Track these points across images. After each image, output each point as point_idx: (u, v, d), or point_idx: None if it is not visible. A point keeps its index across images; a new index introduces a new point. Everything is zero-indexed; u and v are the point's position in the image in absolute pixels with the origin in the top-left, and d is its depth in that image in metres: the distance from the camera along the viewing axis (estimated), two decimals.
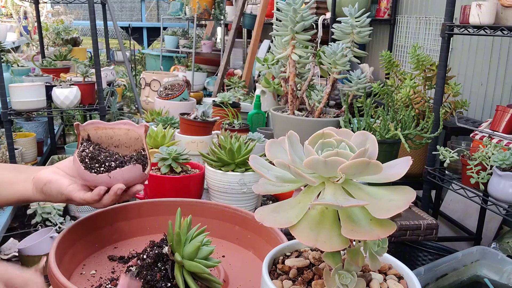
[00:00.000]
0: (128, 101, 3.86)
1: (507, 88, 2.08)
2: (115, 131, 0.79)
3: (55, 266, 0.64)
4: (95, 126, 0.80)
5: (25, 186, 0.79)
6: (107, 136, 0.80)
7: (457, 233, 2.17)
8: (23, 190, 0.79)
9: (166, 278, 0.64)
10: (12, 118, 2.23)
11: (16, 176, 0.81)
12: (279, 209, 0.53)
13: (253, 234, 0.84)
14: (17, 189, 0.80)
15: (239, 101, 2.18)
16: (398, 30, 2.90)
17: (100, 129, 0.80)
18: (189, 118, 1.53)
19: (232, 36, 3.89)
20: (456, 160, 1.51)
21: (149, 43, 7.66)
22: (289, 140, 0.55)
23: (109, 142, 0.80)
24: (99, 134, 0.80)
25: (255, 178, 1.17)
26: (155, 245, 0.68)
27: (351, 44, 1.57)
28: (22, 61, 3.26)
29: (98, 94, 2.34)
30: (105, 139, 0.80)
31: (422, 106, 1.84)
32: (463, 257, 1.20)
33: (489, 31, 1.45)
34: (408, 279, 0.56)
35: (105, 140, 0.80)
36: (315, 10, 3.13)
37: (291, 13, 1.44)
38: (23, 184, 0.80)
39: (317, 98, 1.67)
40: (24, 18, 4.45)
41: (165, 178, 1.16)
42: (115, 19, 3.87)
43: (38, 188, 0.78)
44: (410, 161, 0.52)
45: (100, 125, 0.80)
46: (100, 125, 0.80)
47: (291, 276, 0.57)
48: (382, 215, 0.48)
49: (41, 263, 1.88)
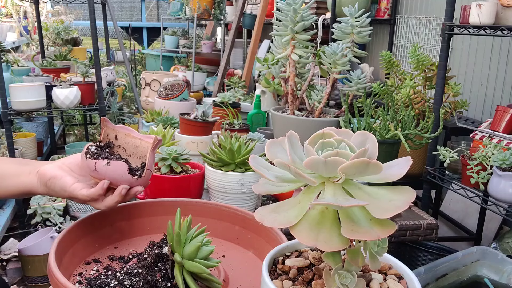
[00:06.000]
0: (128, 101, 3.86)
1: (507, 88, 2.08)
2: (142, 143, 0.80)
3: (55, 266, 0.64)
4: (127, 133, 0.81)
5: (30, 178, 0.80)
6: (134, 146, 0.81)
7: (457, 233, 2.17)
8: (28, 182, 0.80)
9: (166, 278, 0.64)
10: (12, 118, 2.23)
11: (21, 169, 0.82)
12: (279, 209, 0.53)
13: (253, 234, 0.84)
14: (22, 181, 0.81)
15: (239, 101, 2.18)
16: (398, 30, 2.90)
17: (130, 137, 0.81)
18: (189, 118, 1.53)
19: (232, 36, 3.89)
20: (456, 160, 1.51)
21: (149, 43, 7.66)
22: (289, 140, 0.55)
23: (134, 151, 0.81)
24: (127, 141, 0.82)
25: (255, 178, 1.17)
26: (155, 245, 0.68)
27: (351, 44, 1.57)
28: (22, 61, 3.26)
29: (98, 94, 2.34)
30: (131, 148, 0.81)
31: (422, 106, 1.84)
32: (463, 257, 1.20)
33: (489, 31, 1.45)
34: (408, 279, 0.56)
35: (131, 149, 0.82)
36: (315, 10, 3.13)
37: (291, 13, 1.44)
38: (28, 176, 0.80)
39: (317, 98, 1.67)
40: (24, 18, 4.45)
41: (165, 178, 1.16)
42: (115, 19, 3.86)
43: (42, 181, 0.79)
44: (410, 161, 0.52)
45: (132, 133, 0.81)
46: (132, 133, 0.81)
47: (291, 276, 0.57)
48: (382, 215, 0.48)
49: None
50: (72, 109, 2.29)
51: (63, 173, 0.78)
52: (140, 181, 0.77)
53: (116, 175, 0.75)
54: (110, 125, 0.82)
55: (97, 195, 0.75)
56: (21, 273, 2.04)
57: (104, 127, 0.82)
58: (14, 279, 2.06)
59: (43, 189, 0.79)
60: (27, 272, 1.98)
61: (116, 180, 0.75)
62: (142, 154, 0.80)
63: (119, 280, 0.67)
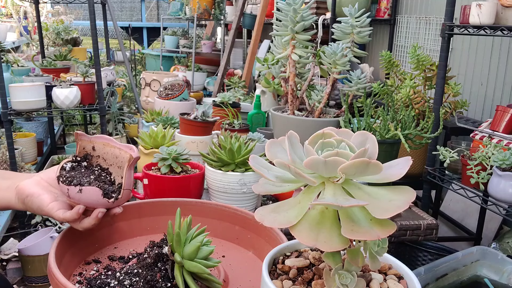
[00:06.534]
0: (128, 101, 3.86)
1: (507, 88, 2.08)
2: (121, 153, 0.77)
3: (55, 266, 0.64)
4: (105, 142, 0.79)
5: (8, 194, 0.78)
6: (114, 155, 0.78)
7: (457, 233, 2.17)
8: (6, 197, 0.78)
9: (166, 278, 0.64)
10: (12, 118, 2.23)
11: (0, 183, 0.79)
12: (279, 209, 0.53)
13: (253, 234, 0.84)
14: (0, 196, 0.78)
15: (239, 101, 2.18)
16: (398, 30, 2.90)
17: (109, 146, 0.78)
18: (189, 118, 1.53)
19: (232, 36, 3.89)
20: (456, 160, 1.51)
21: (149, 43, 7.66)
22: (289, 140, 0.55)
23: (114, 161, 0.78)
24: (106, 150, 0.79)
25: (255, 178, 1.17)
26: (155, 245, 0.68)
27: (351, 44, 1.57)
28: (22, 61, 3.26)
29: (98, 94, 2.34)
30: (111, 157, 0.79)
31: (422, 106, 1.84)
32: (463, 257, 1.20)
33: (489, 31, 1.45)
34: (408, 279, 0.56)
35: (111, 158, 0.79)
36: (315, 10, 3.13)
37: (291, 13, 1.44)
38: (6, 192, 0.78)
39: (317, 98, 1.67)
40: (24, 18, 4.45)
41: (165, 178, 1.16)
42: (115, 19, 3.86)
43: (20, 199, 0.76)
44: (410, 161, 0.52)
45: (110, 143, 0.78)
46: (110, 143, 0.78)
47: (291, 276, 0.57)
48: (382, 215, 0.48)
49: None
50: (72, 109, 2.29)
51: (41, 191, 0.75)
52: (118, 203, 0.75)
53: (90, 201, 0.72)
54: (85, 137, 0.79)
55: (72, 219, 0.72)
56: (21, 273, 2.04)
57: (79, 140, 0.79)
58: (14, 279, 2.06)
59: (21, 206, 0.77)
60: (27, 272, 1.98)
61: (92, 204, 0.72)
62: (122, 164, 0.77)
63: (119, 280, 0.67)
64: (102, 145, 0.79)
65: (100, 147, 0.79)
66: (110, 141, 0.78)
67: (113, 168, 0.79)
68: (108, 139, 0.79)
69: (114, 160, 0.78)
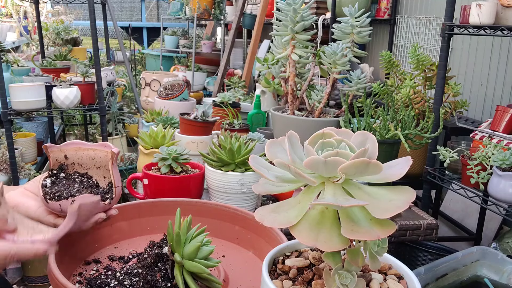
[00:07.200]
0: (128, 101, 3.86)
1: (507, 88, 2.08)
2: (96, 153, 0.76)
3: (55, 266, 0.64)
4: (76, 147, 0.77)
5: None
6: (89, 157, 0.77)
7: (457, 233, 2.17)
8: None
9: (166, 278, 0.64)
10: (12, 118, 2.23)
11: None
12: (279, 209, 0.53)
13: (253, 234, 0.84)
14: None
15: (239, 101, 2.18)
16: (398, 30, 2.90)
17: (81, 150, 0.77)
18: (189, 118, 1.53)
19: (232, 36, 3.89)
20: (456, 160, 1.51)
21: (149, 43, 7.66)
22: (289, 140, 0.55)
23: (91, 163, 0.77)
24: (80, 155, 0.77)
25: (255, 178, 1.17)
26: (155, 245, 0.68)
27: (351, 44, 1.57)
28: (22, 61, 3.26)
29: (98, 94, 2.34)
30: (87, 160, 0.77)
31: (422, 106, 1.84)
32: (463, 257, 1.20)
33: (489, 31, 1.45)
34: (408, 279, 0.56)
35: (87, 162, 0.78)
36: (315, 10, 3.13)
37: (291, 13, 1.44)
38: None
39: (317, 98, 1.67)
40: (24, 18, 4.45)
41: (165, 178, 1.16)
42: (115, 19, 3.86)
43: None
44: (410, 161, 0.52)
45: (82, 146, 0.77)
46: (81, 146, 0.77)
47: (291, 276, 0.57)
48: (382, 215, 0.48)
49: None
50: (72, 109, 2.29)
51: (26, 199, 0.74)
52: (113, 202, 0.74)
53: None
54: (54, 148, 0.76)
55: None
56: (21, 273, 2.04)
57: (50, 152, 0.76)
58: (14, 279, 2.06)
59: None
60: (27, 272, 1.98)
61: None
62: (101, 164, 0.76)
63: (119, 280, 0.67)
64: (73, 151, 0.77)
65: (73, 154, 0.78)
66: (80, 144, 0.77)
67: (92, 170, 0.78)
68: (78, 143, 0.77)
69: (91, 162, 0.78)
